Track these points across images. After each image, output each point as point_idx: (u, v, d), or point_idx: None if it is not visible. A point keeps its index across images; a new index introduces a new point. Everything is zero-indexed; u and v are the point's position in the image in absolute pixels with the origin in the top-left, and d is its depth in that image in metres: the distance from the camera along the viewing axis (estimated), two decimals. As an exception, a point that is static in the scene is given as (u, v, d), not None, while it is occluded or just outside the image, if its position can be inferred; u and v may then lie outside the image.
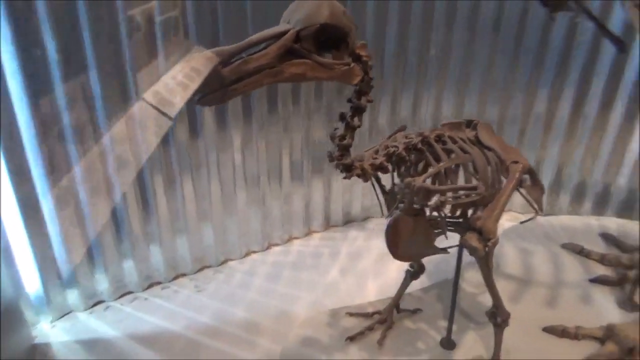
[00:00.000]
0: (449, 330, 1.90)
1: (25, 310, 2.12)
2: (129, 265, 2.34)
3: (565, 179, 2.97)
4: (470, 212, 1.51)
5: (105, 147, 2.07)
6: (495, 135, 1.59)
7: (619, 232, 2.66)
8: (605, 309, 2.11)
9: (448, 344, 1.90)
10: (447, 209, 1.47)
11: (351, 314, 2.05)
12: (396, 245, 1.56)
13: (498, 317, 1.64)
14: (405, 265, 2.50)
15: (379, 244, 2.73)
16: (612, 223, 2.79)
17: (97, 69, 1.94)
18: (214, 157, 2.39)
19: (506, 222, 2.85)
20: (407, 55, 2.63)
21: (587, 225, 2.74)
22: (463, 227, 1.51)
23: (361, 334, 1.94)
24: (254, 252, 2.69)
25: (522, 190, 1.59)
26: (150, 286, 2.44)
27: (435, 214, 1.44)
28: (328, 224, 2.91)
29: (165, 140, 2.23)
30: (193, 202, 2.41)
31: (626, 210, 2.89)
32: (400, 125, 1.55)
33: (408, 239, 1.54)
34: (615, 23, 2.44)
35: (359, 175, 1.39)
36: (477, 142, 1.54)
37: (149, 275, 2.43)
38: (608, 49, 2.55)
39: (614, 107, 2.70)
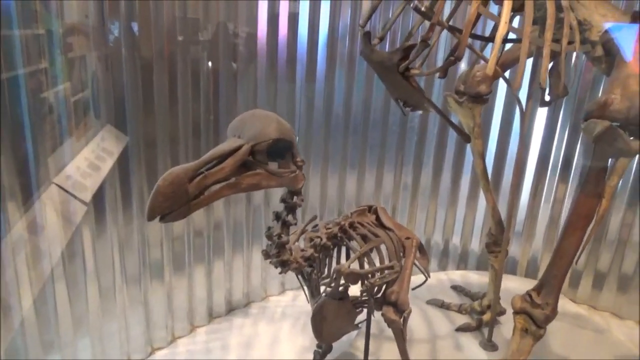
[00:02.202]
0: (362, 401, 2.00)
1: None
2: (-17, 408, 1.92)
3: (414, 242, 3.44)
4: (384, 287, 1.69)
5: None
6: (389, 216, 1.83)
7: (463, 283, 3.15)
8: (474, 353, 2.47)
9: (362, 415, 2.00)
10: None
11: (265, 407, 2.01)
12: (322, 328, 1.64)
13: (409, 379, 1.81)
14: (296, 346, 2.57)
15: (266, 327, 2.76)
16: (456, 275, 3.30)
17: None
18: (90, 251, 2.18)
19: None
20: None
21: (439, 280, 3.19)
22: (378, 302, 1.67)
23: None
24: (137, 361, 2.45)
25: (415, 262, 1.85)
26: None
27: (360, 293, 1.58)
28: (211, 316, 2.81)
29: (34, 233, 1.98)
30: (67, 306, 2.13)
31: (462, 261, 3.46)
32: (313, 216, 1.69)
33: (332, 321, 1.64)
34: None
35: (294, 269, 1.46)
36: (379, 224, 1.76)
37: (10, 415, 2.02)
38: (452, 137, 3.17)
39: (443, 177, 3.30)
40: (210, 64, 2.46)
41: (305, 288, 1.70)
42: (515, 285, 3.05)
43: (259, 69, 2.64)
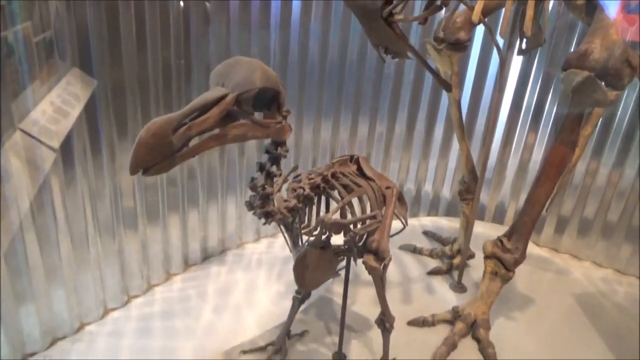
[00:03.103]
0: (340, 345, 2.07)
1: None
2: (-42, 357, 1.90)
3: (387, 189, 3.49)
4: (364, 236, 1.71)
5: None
6: (370, 166, 1.83)
7: (434, 228, 3.25)
8: (444, 294, 2.58)
9: (339, 356, 2.07)
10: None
11: (245, 351, 2.06)
12: (303, 277, 1.66)
13: (386, 322, 1.88)
14: (272, 292, 2.62)
15: (243, 275, 2.78)
16: (427, 221, 3.39)
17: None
18: (60, 201, 2.10)
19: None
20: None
21: (411, 226, 3.27)
22: (359, 250, 1.70)
23: (261, 369, 1.97)
24: (114, 309, 2.44)
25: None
26: (-10, 377, 2.01)
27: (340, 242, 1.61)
28: (187, 264, 2.81)
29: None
30: (38, 257, 2.07)
31: (433, 208, 3.55)
32: (294, 166, 1.67)
33: (314, 270, 1.66)
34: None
35: (278, 220, 1.45)
36: (361, 174, 1.76)
37: (-14, 364, 2.00)
38: (428, 84, 3.15)
39: (418, 125, 3.30)
40: (181, 3, 2.31)
41: (287, 238, 1.70)
42: (483, 231, 3.18)
43: (232, 10, 2.51)
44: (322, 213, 1.68)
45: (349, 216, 1.61)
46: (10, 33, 1.69)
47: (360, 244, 1.68)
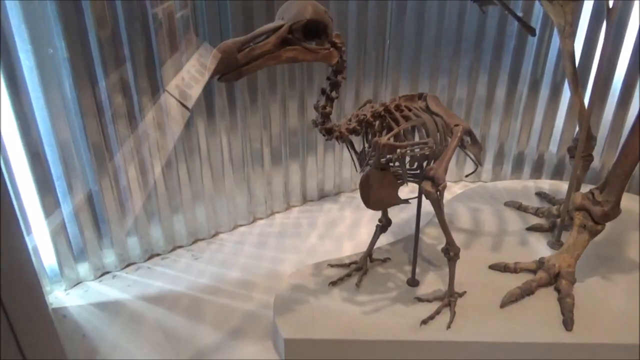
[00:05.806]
0: (413, 271, 2.29)
1: (42, 280, 2.38)
2: (132, 240, 2.63)
3: (507, 150, 3.46)
4: (424, 165, 1.91)
5: (140, 134, 2.41)
6: (441, 104, 1.99)
7: (551, 190, 3.15)
8: (539, 249, 2.57)
9: (413, 282, 2.30)
10: (407, 163, 1.87)
11: (332, 265, 2.41)
12: (368, 195, 1.93)
13: (451, 251, 2.04)
14: (372, 229, 2.90)
15: (351, 213, 3.13)
16: (546, 184, 3.29)
17: (131, 62, 2.27)
18: (204, 144, 2.71)
19: (458, 189, 3.32)
20: (365, 47, 3.03)
21: (525, 187, 3.22)
22: (420, 177, 1.90)
23: (341, 280, 2.30)
24: (241, 225, 3.03)
25: (465, 149, 2.02)
26: (151, 257, 2.73)
27: (397, 165, 1.84)
28: (305, 199, 3.27)
29: (162, 129, 2.54)
30: (187, 184, 2.72)
31: (557, 173, 3.41)
32: (367, 100, 1.94)
33: (377, 190, 1.92)
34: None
35: (337, 138, 1.76)
36: (427, 110, 1.94)
37: (149, 248, 2.72)
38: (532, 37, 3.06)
39: (541, 87, 3.20)
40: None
41: (355, 158, 1.99)
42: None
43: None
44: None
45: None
46: (160, 10, 2.25)
47: (418, 170, 1.88)
